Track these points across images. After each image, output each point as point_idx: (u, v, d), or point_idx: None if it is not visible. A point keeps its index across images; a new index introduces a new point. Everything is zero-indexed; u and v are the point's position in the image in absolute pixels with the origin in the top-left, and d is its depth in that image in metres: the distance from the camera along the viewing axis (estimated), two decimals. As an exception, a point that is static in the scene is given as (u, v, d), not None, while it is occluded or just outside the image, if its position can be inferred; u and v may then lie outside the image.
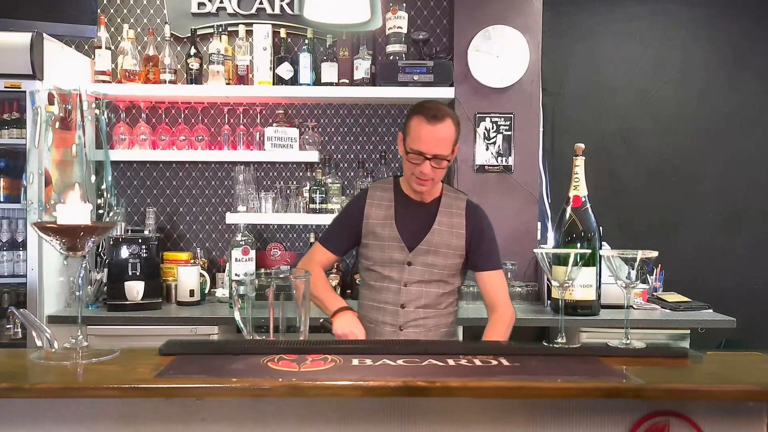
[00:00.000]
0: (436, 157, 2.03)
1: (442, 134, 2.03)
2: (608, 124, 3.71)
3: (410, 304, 2.15)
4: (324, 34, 3.37)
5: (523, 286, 3.20)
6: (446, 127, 2.04)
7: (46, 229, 1.37)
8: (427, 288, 2.16)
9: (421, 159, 2.03)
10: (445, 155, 2.04)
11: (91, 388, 1.27)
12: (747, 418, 1.35)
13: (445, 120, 2.04)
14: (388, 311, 2.16)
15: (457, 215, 2.19)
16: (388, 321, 2.16)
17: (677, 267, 3.42)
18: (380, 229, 2.17)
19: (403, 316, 2.15)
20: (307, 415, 1.35)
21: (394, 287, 2.16)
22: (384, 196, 2.22)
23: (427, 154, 2.02)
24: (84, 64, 3.33)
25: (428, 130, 2.02)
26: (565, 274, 1.65)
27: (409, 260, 2.15)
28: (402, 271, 2.15)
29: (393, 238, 2.15)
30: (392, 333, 2.15)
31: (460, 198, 2.24)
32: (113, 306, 2.98)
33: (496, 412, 1.36)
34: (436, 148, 2.03)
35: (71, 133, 1.48)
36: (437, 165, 2.05)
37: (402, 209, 2.19)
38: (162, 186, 3.57)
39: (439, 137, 2.03)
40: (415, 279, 2.15)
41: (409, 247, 2.14)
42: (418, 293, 2.15)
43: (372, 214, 2.20)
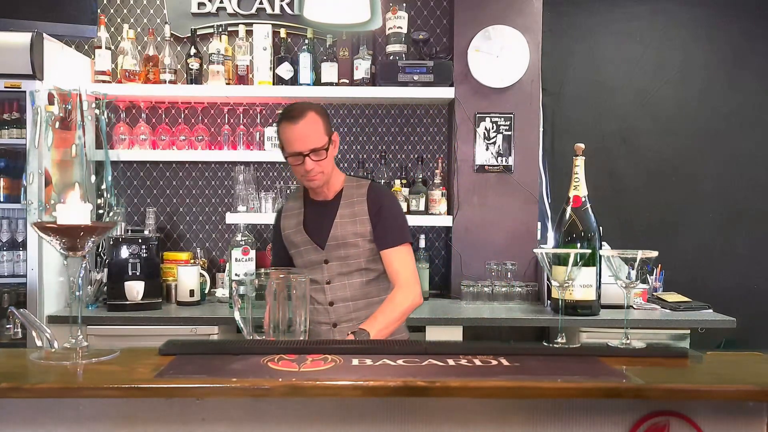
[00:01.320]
0: (313, 151, 2.08)
1: (306, 129, 2.08)
2: (608, 124, 3.71)
3: (337, 300, 2.20)
4: (324, 34, 3.37)
5: (523, 286, 3.19)
6: (308, 121, 2.09)
7: (46, 229, 1.37)
8: (350, 280, 2.20)
9: (301, 158, 2.08)
10: (321, 146, 2.09)
11: (91, 388, 1.26)
12: (747, 418, 1.35)
13: (305, 115, 2.09)
14: (320, 311, 2.22)
15: (358, 203, 2.21)
16: (323, 320, 2.21)
17: (677, 267, 3.42)
18: (294, 237, 2.25)
19: (334, 313, 2.20)
20: (307, 415, 1.35)
21: (319, 287, 2.21)
22: (295, 206, 2.30)
23: (303, 151, 2.07)
24: (84, 64, 3.33)
25: (292, 129, 2.08)
26: (565, 274, 1.65)
27: (325, 258, 2.20)
28: (322, 270, 2.20)
29: (305, 241, 2.22)
30: (328, 331, 2.20)
31: (361, 185, 2.26)
32: (113, 306, 2.98)
33: (496, 412, 1.36)
34: (308, 143, 2.08)
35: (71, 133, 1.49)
36: (317, 157, 2.09)
37: (309, 213, 2.26)
38: (162, 186, 3.57)
39: (305, 132, 2.08)
40: (335, 274, 2.20)
41: (321, 245, 2.19)
42: (342, 287, 2.20)
43: (286, 225, 2.29)
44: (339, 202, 2.23)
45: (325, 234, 2.19)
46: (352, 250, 2.18)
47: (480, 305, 3.11)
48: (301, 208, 2.28)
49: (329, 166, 2.16)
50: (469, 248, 3.35)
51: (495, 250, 3.32)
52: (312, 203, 2.27)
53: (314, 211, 2.26)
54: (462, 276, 3.31)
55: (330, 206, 2.23)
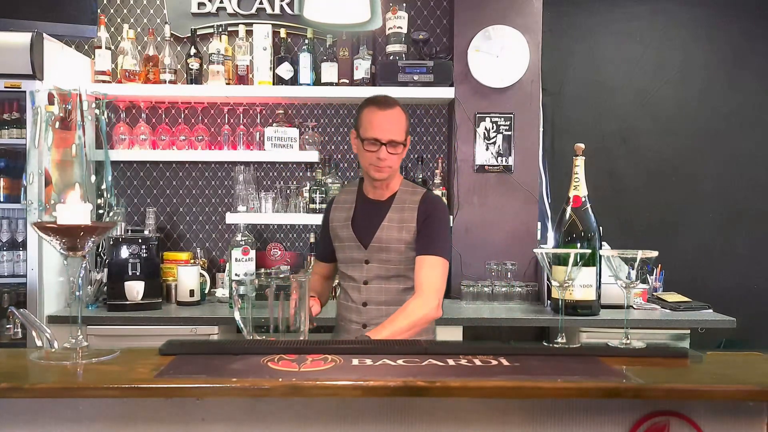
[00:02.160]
0: (391, 143, 2.09)
1: (394, 119, 2.11)
2: (608, 124, 3.71)
3: (371, 301, 2.19)
4: (324, 34, 3.37)
5: (523, 286, 3.19)
6: (397, 113, 2.12)
7: (46, 229, 1.37)
8: (387, 284, 2.19)
9: (378, 145, 2.09)
10: (400, 140, 2.11)
11: (91, 388, 1.26)
12: (747, 418, 1.35)
13: (395, 107, 2.13)
14: (353, 309, 2.21)
15: (409, 210, 2.20)
16: (354, 318, 2.21)
17: (677, 267, 3.42)
18: (340, 231, 2.24)
19: (366, 314, 2.19)
20: (307, 415, 1.35)
21: (356, 285, 2.21)
22: (347, 199, 2.29)
23: (383, 139, 2.08)
24: (84, 64, 3.33)
25: (380, 116, 2.10)
26: (565, 274, 1.65)
27: (367, 258, 2.19)
28: (361, 269, 2.20)
29: (350, 237, 2.21)
30: (357, 330, 2.18)
31: (416, 192, 2.24)
32: (113, 306, 2.98)
33: (496, 412, 1.36)
34: (390, 133, 2.09)
35: (71, 133, 1.48)
36: (393, 151, 2.10)
37: (360, 209, 2.25)
38: (162, 186, 3.57)
39: (391, 122, 2.10)
40: (374, 276, 2.19)
41: (364, 245, 2.18)
42: (378, 290, 2.19)
43: (335, 217, 2.28)
44: (390, 204, 2.21)
45: (370, 234, 2.17)
46: (393, 255, 2.16)
47: (480, 305, 3.11)
48: (353, 203, 2.26)
49: (397, 164, 2.17)
50: (469, 248, 3.35)
51: (495, 250, 3.32)
52: (364, 200, 2.25)
53: (365, 209, 2.24)
54: (462, 276, 3.31)
55: (381, 207, 2.21)
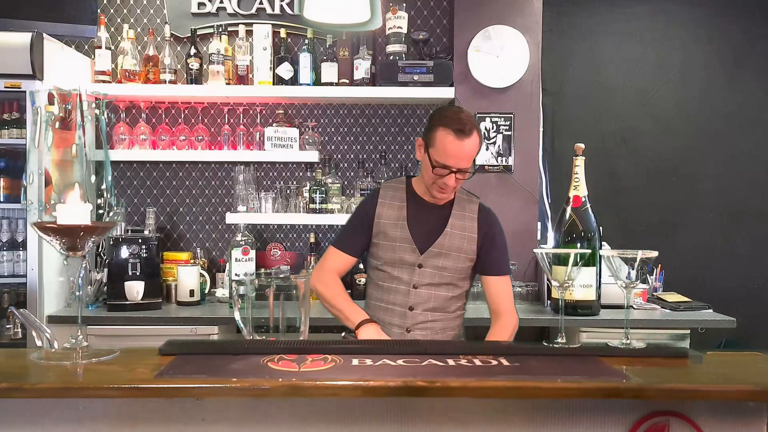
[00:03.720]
0: (460, 170, 2.03)
1: (469, 148, 2.01)
2: (608, 124, 3.71)
3: (419, 306, 2.13)
4: (324, 34, 3.37)
5: (523, 286, 3.19)
6: (473, 141, 2.02)
7: (46, 229, 1.37)
8: (437, 291, 2.14)
9: (447, 172, 2.02)
10: (469, 167, 2.05)
11: (91, 388, 1.26)
12: (747, 418, 1.35)
13: (473, 134, 2.01)
14: (396, 312, 2.14)
15: (469, 218, 2.17)
16: (396, 322, 2.14)
17: (677, 267, 3.42)
18: (392, 230, 2.15)
19: (411, 319, 2.13)
20: (307, 415, 1.35)
21: (403, 289, 2.14)
22: (396, 196, 2.20)
23: (453, 167, 2.01)
24: (84, 64, 3.33)
25: (457, 145, 1.99)
26: (565, 274, 1.65)
27: (420, 262, 2.13)
28: (412, 273, 2.13)
29: (404, 239, 2.13)
30: (399, 335, 2.13)
31: (473, 201, 2.22)
32: (113, 306, 2.98)
33: (496, 412, 1.36)
34: (463, 162, 2.02)
35: (71, 133, 1.48)
36: (462, 176, 2.05)
37: (414, 210, 2.17)
38: (162, 186, 3.57)
39: (466, 152, 2.01)
40: (425, 281, 2.13)
41: (421, 249, 2.13)
42: (427, 296, 2.14)
43: (384, 213, 2.17)
44: (450, 211, 2.17)
45: (430, 239, 2.13)
46: (450, 263, 2.13)
47: (480, 305, 3.09)
48: (404, 201, 2.18)
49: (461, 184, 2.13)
50: (469, 248, 3.34)
51: (495, 250, 3.31)
52: (417, 201, 2.18)
53: (420, 211, 2.17)
54: (462, 276, 3.30)
55: (439, 212, 2.17)
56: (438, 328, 2.16)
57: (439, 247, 2.12)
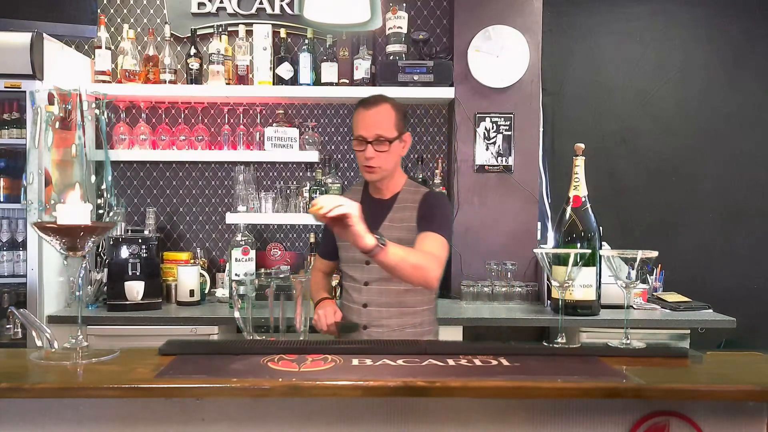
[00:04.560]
0: (377, 140, 2.09)
1: (377, 116, 2.11)
2: (608, 124, 3.71)
3: (372, 303, 2.18)
4: (324, 34, 3.37)
5: (523, 286, 3.19)
6: (383, 109, 2.12)
7: (46, 229, 1.37)
8: (388, 286, 2.16)
9: (363, 144, 2.11)
10: (387, 137, 2.10)
11: (91, 388, 1.26)
12: (747, 418, 1.35)
13: (380, 104, 2.13)
14: (354, 310, 2.21)
15: (410, 209, 2.19)
16: (355, 319, 2.20)
17: (677, 267, 3.42)
18: None
19: (366, 315, 2.18)
20: (307, 415, 1.35)
21: (357, 286, 2.21)
22: (353, 198, 2.23)
23: (368, 137, 2.09)
24: (84, 64, 3.33)
25: (363, 114, 2.12)
26: (565, 274, 1.65)
27: (368, 259, 2.13)
28: (362, 270, 2.19)
29: None
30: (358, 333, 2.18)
31: (419, 191, 2.23)
32: (113, 306, 2.98)
33: (496, 412, 1.36)
34: (374, 129, 2.09)
35: (71, 133, 1.49)
36: (380, 148, 2.10)
37: (365, 209, 2.17)
38: (162, 186, 3.57)
39: (375, 119, 2.11)
40: (375, 277, 2.17)
41: None
42: (378, 291, 2.17)
43: None
44: (392, 204, 2.21)
45: None
46: None
47: (480, 305, 3.11)
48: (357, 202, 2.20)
49: (391, 163, 2.15)
50: (469, 248, 3.35)
51: (495, 250, 3.32)
52: (368, 200, 2.24)
53: (368, 209, 2.16)
54: (462, 276, 3.31)
55: (383, 207, 2.21)
56: (394, 325, 2.17)
57: None
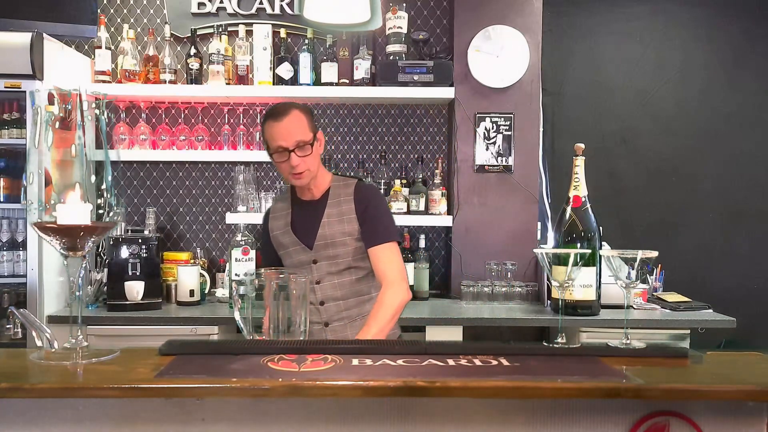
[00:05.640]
0: (298, 146, 2.09)
1: (291, 125, 2.10)
2: (608, 124, 3.71)
3: (328, 299, 2.21)
4: (324, 34, 3.37)
5: (523, 286, 3.19)
6: (293, 118, 2.11)
7: (46, 229, 1.37)
8: (339, 279, 2.20)
9: (286, 154, 2.10)
10: (306, 140, 2.11)
11: (91, 388, 1.26)
12: (747, 418, 1.35)
13: (289, 112, 2.12)
14: (311, 310, 2.20)
15: (345, 202, 2.22)
16: (314, 319, 2.20)
17: (677, 267, 3.43)
18: (282, 238, 2.25)
19: (325, 313, 2.21)
20: (307, 415, 1.35)
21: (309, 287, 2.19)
22: (282, 207, 2.30)
23: (288, 146, 2.09)
24: (84, 64, 3.33)
25: (276, 126, 2.10)
26: (565, 274, 1.64)
27: (314, 258, 2.20)
28: (311, 270, 2.20)
29: (293, 242, 2.22)
30: (320, 331, 2.20)
31: (348, 184, 2.26)
32: (113, 306, 2.98)
33: (496, 412, 1.36)
34: (292, 137, 2.09)
35: (71, 133, 1.48)
36: (302, 153, 2.10)
37: (297, 213, 2.26)
38: (162, 186, 3.57)
39: (289, 127, 2.10)
40: (324, 274, 2.20)
41: (309, 245, 2.20)
42: (331, 286, 2.20)
43: (274, 226, 2.28)
44: (326, 201, 2.23)
45: (312, 234, 2.19)
46: (340, 249, 2.18)
47: (480, 305, 3.11)
48: (289, 208, 2.28)
49: (315, 164, 2.16)
50: (469, 248, 3.35)
51: (495, 250, 3.32)
52: (299, 203, 2.27)
53: (302, 212, 2.26)
54: (462, 276, 3.31)
55: (317, 206, 2.23)
56: (354, 316, 2.21)
57: (322, 238, 2.18)
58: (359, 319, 2.21)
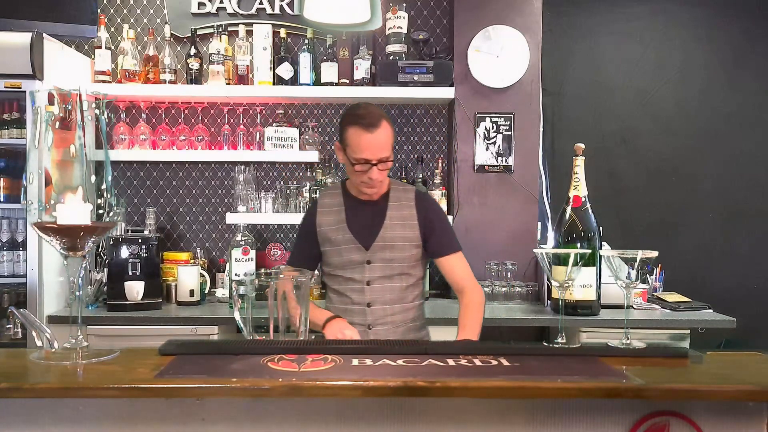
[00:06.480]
0: (380, 161, 2.08)
1: (381, 139, 2.07)
2: (608, 124, 3.71)
3: (376, 302, 2.19)
4: (324, 34, 3.37)
5: (523, 286, 3.19)
6: (383, 131, 2.08)
7: (46, 229, 1.37)
8: (390, 283, 2.20)
9: (368, 166, 2.08)
10: (388, 156, 2.10)
11: (91, 388, 1.26)
12: (747, 418, 1.35)
13: (381, 124, 2.08)
14: (356, 311, 2.20)
15: (407, 207, 2.22)
16: (357, 321, 2.18)
17: (677, 267, 3.42)
18: (334, 235, 2.22)
19: (371, 315, 2.19)
20: (307, 415, 1.35)
21: (358, 287, 2.20)
22: (333, 202, 2.27)
23: (373, 160, 2.07)
24: (84, 64, 3.33)
25: (368, 138, 2.06)
26: (565, 274, 1.65)
27: (368, 259, 2.18)
28: (363, 270, 2.19)
29: (348, 240, 2.20)
30: (362, 333, 2.17)
31: (408, 189, 2.28)
32: (113, 306, 2.98)
33: (496, 412, 1.36)
34: (380, 153, 2.07)
35: (71, 133, 1.48)
36: (383, 167, 2.10)
37: (352, 211, 2.23)
38: (162, 186, 3.57)
39: (380, 142, 2.07)
40: (377, 276, 2.18)
41: (365, 246, 2.18)
42: (381, 290, 2.19)
43: (324, 221, 2.24)
44: (387, 203, 2.21)
45: (372, 235, 2.17)
46: (397, 254, 2.18)
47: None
48: (342, 205, 2.24)
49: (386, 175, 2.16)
50: (469, 248, 3.30)
51: (495, 250, 3.32)
52: (354, 202, 2.24)
53: (358, 211, 2.22)
54: (462, 276, 3.30)
55: (376, 207, 2.21)
56: (398, 321, 2.21)
57: (382, 240, 2.17)
58: (402, 326, 2.21)
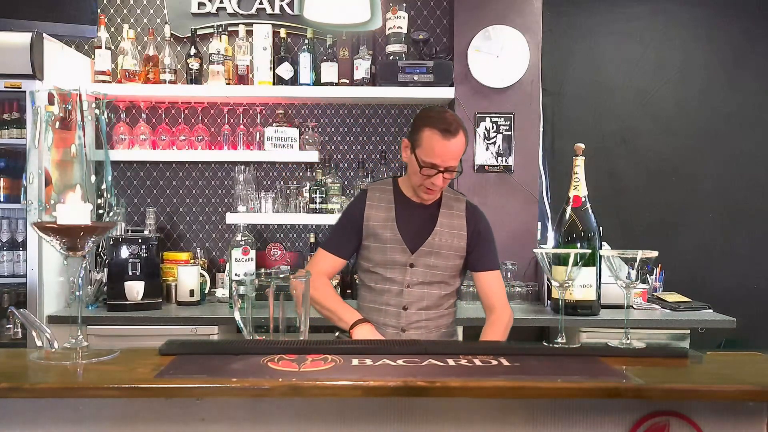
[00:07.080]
0: (448, 169, 2.05)
1: (456, 147, 2.04)
2: (608, 124, 3.71)
3: (412, 305, 2.15)
4: (324, 34, 3.37)
5: (523, 286, 3.19)
6: (460, 140, 2.04)
7: (46, 229, 1.37)
8: (429, 290, 2.16)
9: (434, 171, 2.04)
10: (456, 166, 2.07)
11: (91, 388, 1.26)
12: (747, 418, 1.35)
13: (458, 133, 2.03)
14: (390, 313, 2.15)
15: (457, 216, 2.19)
16: (390, 323, 2.15)
17: (677, 267, 3.42)
18: (381, 231, 2.16)
19: (406, 318, 2.14)
20: (307, 415, 1.35)
21: (396, 289, 2.15)
22: (384, 198, 2.21)
23: (441, 167, 2.03)
24: (84, 64, 3.33)
25: (443, 144, 2.01)
26: (565, 274, 1.64)
27: (412, 262, 2.14)
28: (404, 272, 2.14)
29: (395, 240, 2.14)
30: (395, 335, 2.14)
31: (459, 199, 2.24)
32: (113, 306, 2.98)
33: (496, 412, 1.36)
34: (450, 161, 2.04)
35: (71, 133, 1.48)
36: (449, 176, 2.08)
37: (403, 211, 2.18)
38: (162, 186, 3.57)
39: (453, 151, 2.03)
40: (417, 281, 2.14)
41: (411, 248, 2.14)
42: (420, 295, 2.15)
43: (372, 215, 2.19)
44: (438, 210, 2.18)
45: (420, 238, 2.14)
46: (441, 262, 2.15)
47: (480, 305, 3.10)
48: (392, 203, 2.20)
49: None
50: (469, 248, 3.34)
51: (495, 250, 3.31)
52: (405, 201, 2.20)
53: (407, 212, 2.19)
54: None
55: (428, 211, 2.18)
56: (432, 327, 2.18)
57: (429, 246, 2.14)
58: (435, 331, 2.19)
